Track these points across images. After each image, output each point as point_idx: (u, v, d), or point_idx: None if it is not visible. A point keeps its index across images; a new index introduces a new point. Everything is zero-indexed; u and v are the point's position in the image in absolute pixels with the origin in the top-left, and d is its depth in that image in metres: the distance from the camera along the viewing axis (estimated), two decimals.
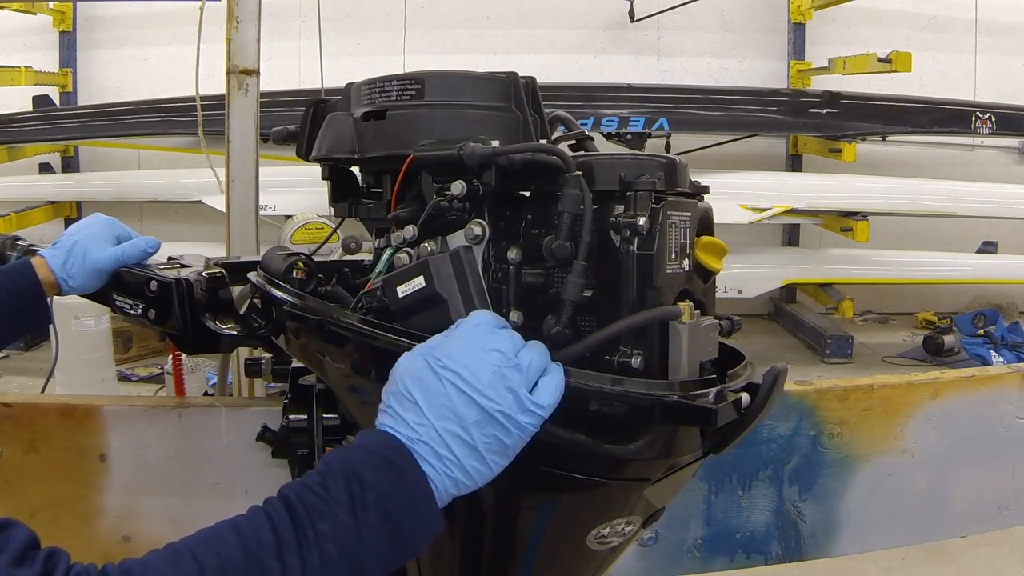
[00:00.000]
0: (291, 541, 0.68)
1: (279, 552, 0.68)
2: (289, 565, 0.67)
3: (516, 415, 0.76)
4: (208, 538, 0.69)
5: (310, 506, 0.70)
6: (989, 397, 1.71)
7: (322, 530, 0.69)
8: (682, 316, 0.85)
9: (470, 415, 0.76)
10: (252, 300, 1.19)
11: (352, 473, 0.73)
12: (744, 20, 6.10)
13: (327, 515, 0.70)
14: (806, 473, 1.65)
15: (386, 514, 0.72)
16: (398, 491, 0.73)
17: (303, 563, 0.68)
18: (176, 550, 0.67)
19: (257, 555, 0.67)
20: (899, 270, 5.47)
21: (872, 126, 5.24)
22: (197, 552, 0.67)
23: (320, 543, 0.69)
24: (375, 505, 0.72)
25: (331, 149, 1.06)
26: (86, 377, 3.71)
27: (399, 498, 0.73)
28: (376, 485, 0.72)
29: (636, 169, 0.88)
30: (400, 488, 0.74)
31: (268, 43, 2.36)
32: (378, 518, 0.72)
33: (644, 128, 4.89)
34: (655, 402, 0.82)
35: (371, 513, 0.71)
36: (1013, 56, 6.18)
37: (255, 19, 2.19)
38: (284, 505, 0.71)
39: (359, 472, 0.73)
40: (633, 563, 1.61)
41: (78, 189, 5.59)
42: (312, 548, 0.68)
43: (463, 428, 0.76)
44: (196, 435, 1.51)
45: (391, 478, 0.73)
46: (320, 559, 0.68)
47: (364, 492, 0.72)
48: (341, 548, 0.70)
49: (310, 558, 0.68)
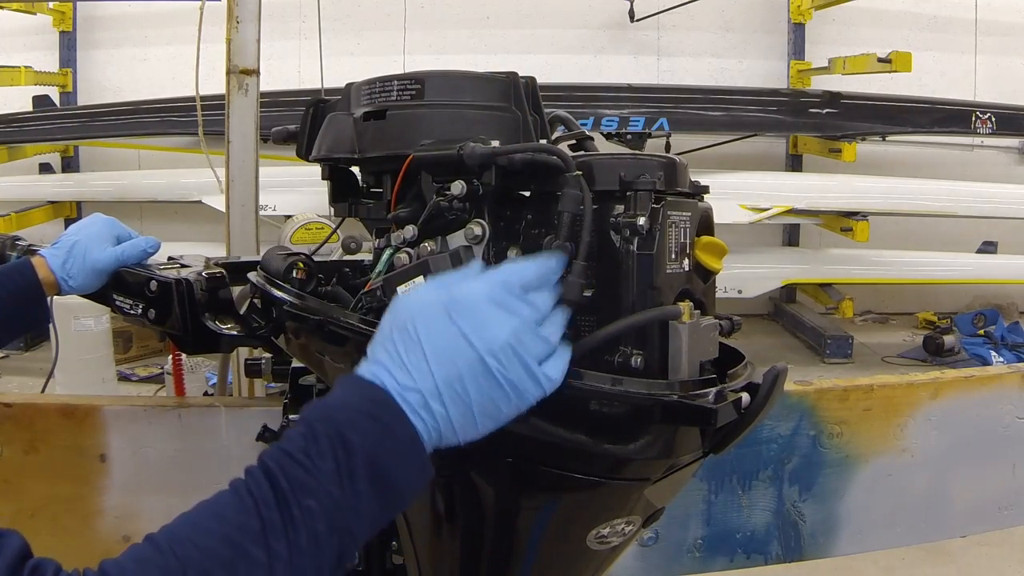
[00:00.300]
0: (276, 523, 0.64)
1: (265, 538, 0.63)
2: (276, 552, 0.63)
3: (521, 384, 0.72)
4: (189, 529, 0.65)
5: (294, 480, 0.66)
6: (989, 397, 1.71)
7: (309, 507, 0.65)
8: (682, 316, 0.85)
9: (474, 373, 0.71)
10: (252, 300, 1.19)
11: (336, 436, 0.68)
12: (744, 20, 6.10)
13: (313, 489, 0.65)
14: (806, 473, 1.65)
15: (375, 477, 0.68)
16: (386, 451, 0.69)
17: (289, 546, 0.64)
18: (156, 546, 0.63)
19: (241, 545, 0.63)
20: (899, 270, 5.47)
21: (872, 126, 5.24)
22: (177, 548, 0.63)
23: (308, 521, 0.65)
24: (363, 470, 0.67)
25: (331, 149, 1.07)
26: (86, 377, 3.71)
27: (388, 457, 0.69)
28: (363, 447, 0.67)
29: (636, 169, 0.88)
30: (388, 446, 0.69)
31: (268, 43, 2.36)
32: (367, 483, 0.67)
33: (644, 128, 4.89)
34: (655, 402, 0.82)
35: (359, 481, 0.67)
36: (1013, 56, 6.18)
37: (255, 19, 2.19)
38: (267, 479, 0.66)
39: (344, 435, 0.68)
40: (633, 563, 1.61)
41: (78, 189, 5.59)
42: (299, 528, 0.64)
43: (462, 385, 0.71)
44: (196, 435, 1.51)
45: (378, 436, 0.68)
46: (308, 539, 0.65)
47: (351, 457, 0.67)
48: (329, 523, 0.66)
49: (297, 539, 0.64)
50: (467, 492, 0.96)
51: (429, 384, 0.71)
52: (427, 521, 1.02)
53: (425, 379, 0.71)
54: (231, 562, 0.63)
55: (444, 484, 0.96)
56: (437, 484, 0.97)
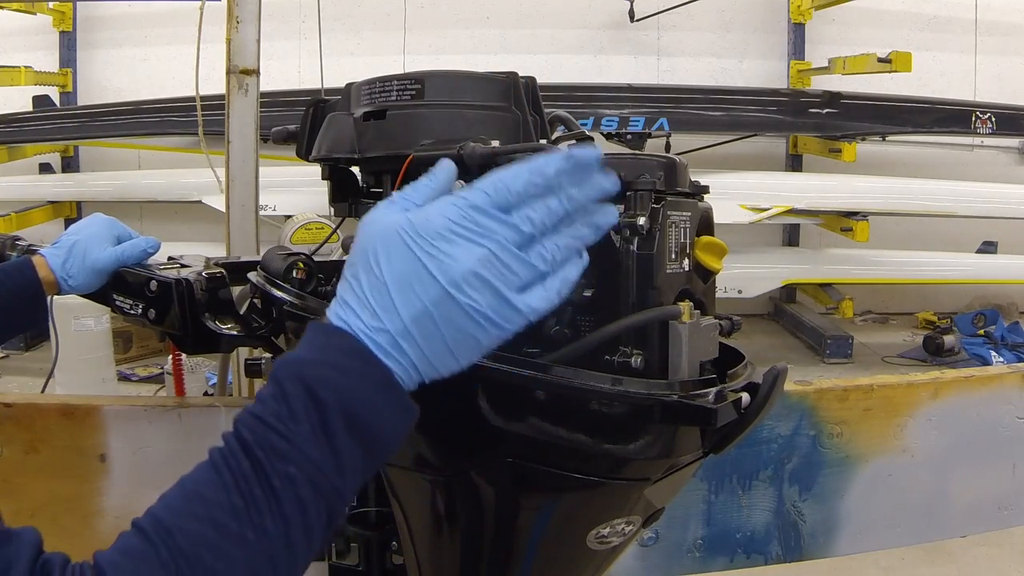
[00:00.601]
0: (259, 498, 0.62)
1: (249, 516, 0.62)
2: (262, 528, 0.62)
3: (496, 315, 0.66)
4: (173, 514, 0.63)
5: (271, 449, 0.63)
6: (989, 397, 1.71)
7: (289, 474, 0.63)
8: (682, 316, 0.85)
9: (441, 308, 0.65)
10: (252, 300, 1.19)
11: (308, 396, 0.64)
12: (744, 20, 6.10)
13: (292, 456, 0.63)
14: (806, 473, 1.65)
15: (352, 430, 0.65)
16: (361, 402, 0.65)
17: (275, 519, 0.62)
18: (145, 536, 0.62)
19: (226, 526, 0.61)
20: (899, 270, 5.47)
21: (872, 126, 5.24)
22: (165, 537, 0.61)
23: (290, 490, 0.63)
24: (340, 425, 0.64)
25: (331, 149, 1.07)
26: (86, 377, 3.71)
27: (363, 409, 0.65)
28: (336, 403, 0.64)
29: (636, 169, 0.88)
30: (364, 394, 0.65)
31: (268, 43, 2.36)
32: (346, 438, 0.64)
33: (644, 128, 4.89)
34: (655, 402, 0.82)
35: (337, 437, 0.64)
36: (1013, 56, 6.18)
37: (255, 19, 2.19)
38: (243, 451, 0.63)
39: (315, 393, 0.64)
40: (633, 563, 1.61)
41: (78, 189, 5.59)
42: (282, 499, 0.62)
43: (431, 321, 0.65)
44: (196, 435, 1.51)
45: (351, 390, 0.65)
46: (293, 507, 0.63)
47: (325, 416, 0.64)
48: (314, 487, 0.63)
49: (281, 510, 0.62)
50: (467, 492, 0.96)
51: (397, 324, 0.66)
52: (427, 521, 1.02)
53: (392, 319, 0.66)
54: (219, 545, 0.61)
55: (444, 484, 0.96)
56: (437, 484, 0.97)
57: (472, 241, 0.66)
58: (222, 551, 0.61)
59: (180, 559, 0.60)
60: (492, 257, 0.65)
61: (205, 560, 0.61)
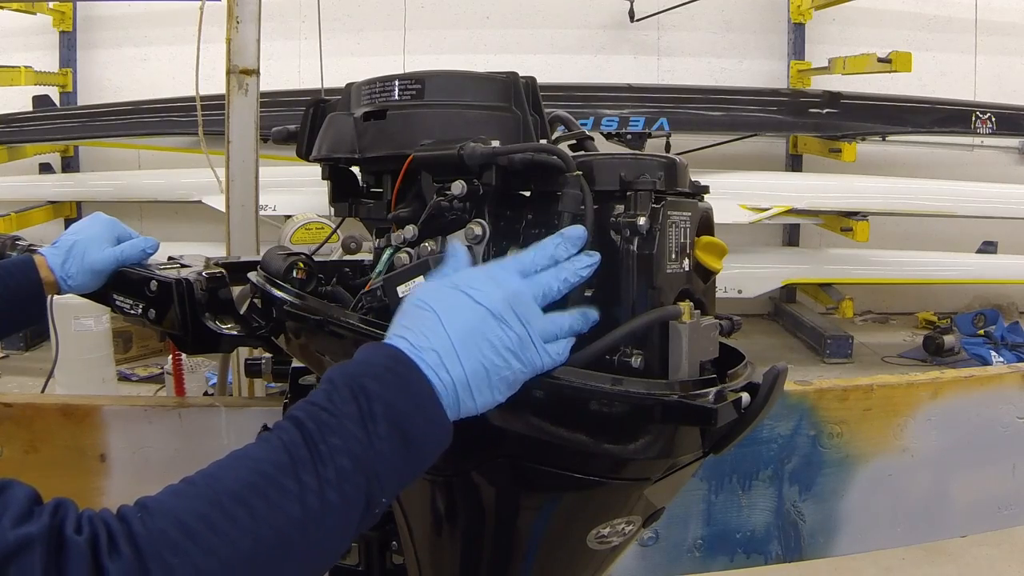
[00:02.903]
0: (305, 458, 0.68)
1: (295, 470, 0.67)
2: (305, 483, 0.67)
3: (526, 347, 0.77)
4: (222, 467, 0.69)
5: (320, 421, 0.70)
6: (989, 397, 1.71)
7: (334, 444, 0.69)
8: (682, 316, 0.85)
9: (483, 328, 0.76)
10: (252, 300, 1.19)
11: (357, 385, 0.72)
12: (744, 20, 6.10)
13: (337, 429, 0.70)
14: (806, 473, 1.65)
15: (394, 422, 0.72)
16: (404, 399, 0.73)
17: (319, 479, 0.67)
18: (191, 481, 0.67)
19: (273, 476, 0.67)
20: (899, 270, 5.47)
21: (872, 126, 5.24)
22: (211, 481, 0.67)
23: (334, 457, 0.68)
24: (383, 415, 0.71)
25: (331, 149, 1.06)
26: (86, 377, 3.71)
27: (405, 406, 0.73)
28: (382, 395, 0.72)
29: (636, 169, 0.88)
30: (405, 396, 0.73)
31: (268, 43, 2.37)
32: (387, 427, 0.71)
33: (644, 128, 4.89)
34: (655, 402, 0.82)
35: (380, 423, 0.71)
36: (1013, 56, 6.18)
37: (255, 19, 2.19)
38: (294, 424, 0.70)
39: (364, 384, 0.72)
40: (633, 563, 1.61)
41: (78, 189, 5.58)
42: (326, 463, 0.68)
43: (474, 342, 0.76)
44: (196, 435, 1.51)
45: (396, 386, 0.73)
46: (336, 473, 0.68)
47: (371, 403, 0.71)
48: (355, 460, 0.69)
49: (325, 473, 0.68)
50: (467, 492, 0.96)
51: (444, 343, 0.75)
52: (427, 521, 1.02)
53: (440, 339, 0.75)
54: (263, 490, 0.66)
55: (444, 484, 0.96)
56: (437, 484, 0.97)
57: (501, 285, 0.79)
58: (264, 494, 0.66)
59: (224, 495, 0.65)
60: (519, 296, 0.79)
61: (249, 501, 0.65)
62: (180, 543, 0.62)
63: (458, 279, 0.80)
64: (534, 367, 0.78)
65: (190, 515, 0.64)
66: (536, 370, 0.79)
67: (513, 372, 0.77)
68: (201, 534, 0.63)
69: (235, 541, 0.64)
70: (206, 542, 0.63)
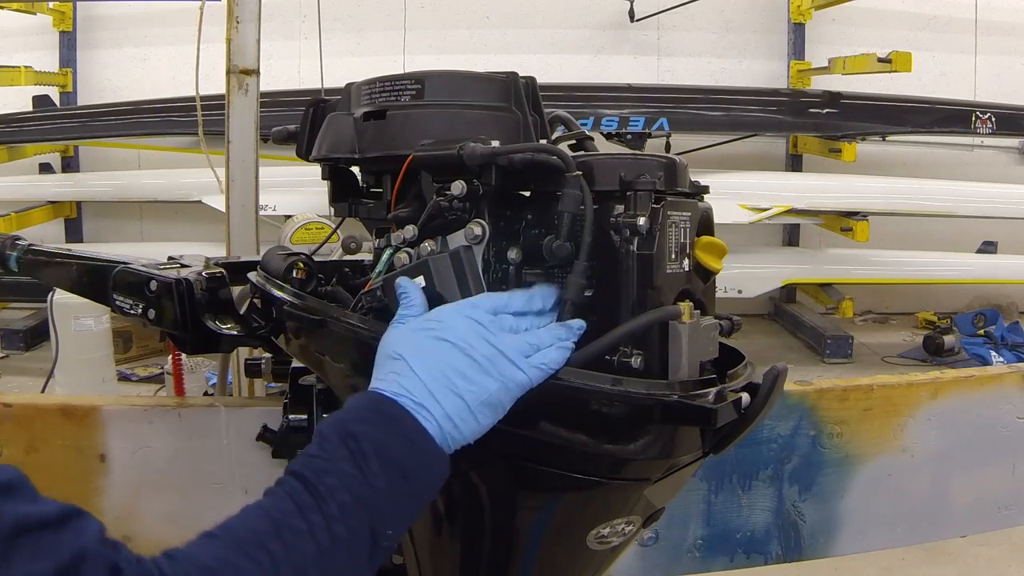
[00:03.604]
0: (309, 502, 0.72)
1: (301, 513, 0.72)
2: (313, 522, 0.71)
3: (506, 360, 0.80)
4: (236, 519, 0.73)
5: (316, 469, 0.74)
6: (989, 397, 1.71)
7: (331, 484, 0.73)
8: (682, 316, 0.85)
9: (453, 362, 0.79)
10: (252, 300, 1.19)
11: (345, 431, 0.76)
12: (744, 20, 6.10)
13: (332, 471, 0.74)
14: (806, 473, 1.65)
15: (387, 460, 0.75)
16: (392, 436, 0.76)
17: (324, 517, 0.72)
18: (210, 535, 0.71)
19: (283, 520, 0.72)
20: (899, 270, 5.47)
21: (872, 126, 5.24)
22: (229, 532, 0.71)
23: (334, 495, 0.73)
24: (374, 453, 0.75)
25: (331, 149, 1.06)
26: (86, 377, 3.71)
27: (394, 442, 0.76)
28: (369, 434, 0.76)
29: (636, 169, 0.88)
30: (392, 433, 0.76)
31: (268, 43, 2.37)
32: (380, 464, 0.75)
33: (644, 128, 4.89)
34: (655, 402, 0.82)
35: (372, 461, 0.74)
36: (1013, 56, 6.18)
37: (255, 19, 2.19)
38: (294, 476, 0.75)
39: (350, 428, 0.76)
40: (633, 563, 1.61)
41: (78, 189, 5.58)
42: (328, 501, 0.72)
43: (447, 377, 0.79)
44: (196, 435, 1.51)
45: (382, 424, 0.77)
46: (338, 508, 0.72)
47: (360, 443, 0.75)
48: (354, 495, 0.73)
49: (328, 510, 0.72)
50: (467, 492, 0.96)
51: (417, 385, 0.79)
52: (427, 521, 1.02)
53: (413, 382, 0.79)
54: (277, 534, 0.71)
55: (444, 484, 0.96)
56: None
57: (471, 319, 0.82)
58: (279, 536, 0.71)
59: (243, 542, 0.70)
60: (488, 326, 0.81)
61: (267, 544, 0.70)
62: None
63: (423, 321, 0.83)
64: (518, 384, 0.80)
65: (215, 560, 0.68)
66: (522, 386, 0.80)
67: (492, 394, 0.79)
68: None
69: None
70: None
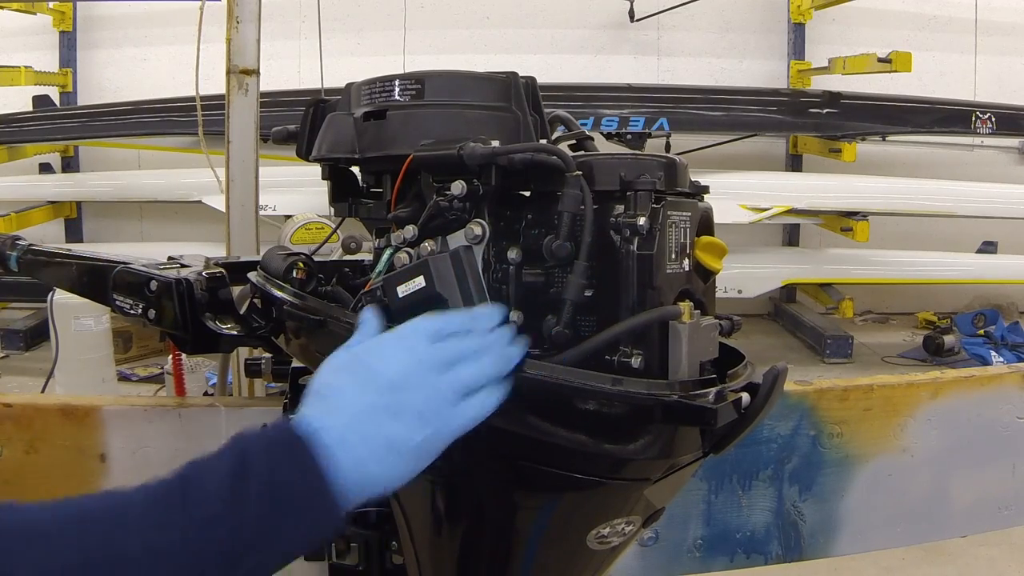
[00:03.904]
0: (176, 501, 0.68)
1: (143, 536, 0.67)
2: (153, 548, 0.67)
3: (444, 402, 0.76)
4: (89, 498, 0.72)
5: (198, 488, 0.69)
6: (989, 397, 1.71)
7: (195, 516, 0.68)
8: (682, 316, 0.85)
9: (374, 407, 0.75)
10: (252, 300, 1.19)
11: (241, 456, 0.71)
12: (744, 20, 6.10)
13: (205, 502, 0.68)
14: (806, 473, 1.65)
15: (276, 498, 0.70)
16: (289, 473, 0.71)
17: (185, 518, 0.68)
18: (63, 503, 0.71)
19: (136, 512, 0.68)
20: (899, 270, 5.47)
21: (872, 126, 5.24)
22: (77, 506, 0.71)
23: (202, 504, 0.68)
24: (256, 490, 0.69)
25: (331, 149, 1.06)
26: (86, 377, 3.71)
27: (285, 484, 0.70)
28: (267, 465, 0.70)
29: (636, 169, 0.88)
30: (291, 470, 0.71)
31: (268, 43, 2.37)
32: (259, 504, 0.69)
33: (644, 128, 4.89)
34: (655, 402, 0.82)
35: (252, 484, 0.69)
36: (1013, 56, 6.18)
37: (255, 19, 2.19)
38: (179, 480, 0.70)
39: (248, 457, 0.71)
40: (633, 563, 1.61)
41: (78, 189, 5.58)
42: (195, 506, 0.68)
43: (375, 415, 0.74)
44: (196, 435, 1.51)
45: (286, 461, 0.71)
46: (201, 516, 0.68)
47: (248, 468, 0.70)
48: (224, 509, 0.69)
49: (192, 513, 0.68)
50: (467, 492, 0.96)
51: (342, 420, 0.74)
52: (427, 521, 1.02)
53: (338, 416, 0.74)
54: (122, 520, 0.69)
55: (444, 484, 0.96)
56: (436, 484, 0.97)
57: (403, 353, 0.78)
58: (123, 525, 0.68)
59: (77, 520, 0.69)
60: (420, 366, 0.77)
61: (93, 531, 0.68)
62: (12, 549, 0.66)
63: (364, 349, 0.80)
64: (450, 429, 0.76)
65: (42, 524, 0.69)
66: (454, 432, 0.76)
67: (422, 440, 0.75)
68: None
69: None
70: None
